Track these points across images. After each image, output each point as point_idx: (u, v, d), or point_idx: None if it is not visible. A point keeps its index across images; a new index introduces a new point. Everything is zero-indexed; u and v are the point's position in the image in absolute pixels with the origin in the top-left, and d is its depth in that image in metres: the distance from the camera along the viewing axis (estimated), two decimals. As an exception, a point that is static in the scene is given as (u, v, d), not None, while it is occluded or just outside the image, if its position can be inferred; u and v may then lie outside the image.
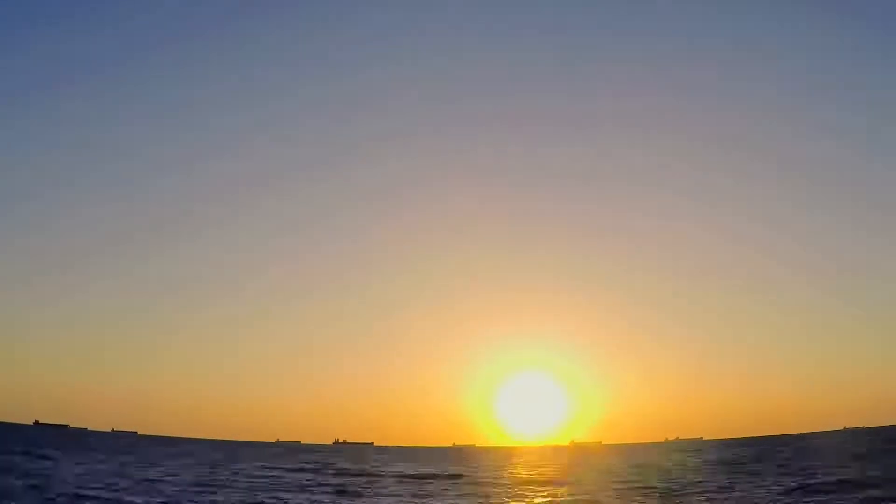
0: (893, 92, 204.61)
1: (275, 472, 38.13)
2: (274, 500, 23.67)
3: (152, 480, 29.69)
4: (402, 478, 35.93)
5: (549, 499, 25.74)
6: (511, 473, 41.12)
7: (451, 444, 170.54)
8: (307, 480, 33.02)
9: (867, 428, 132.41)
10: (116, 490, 24.89)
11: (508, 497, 25.98)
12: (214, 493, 25.52)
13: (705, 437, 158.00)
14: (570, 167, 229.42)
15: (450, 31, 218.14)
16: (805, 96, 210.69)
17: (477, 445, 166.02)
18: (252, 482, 30.82)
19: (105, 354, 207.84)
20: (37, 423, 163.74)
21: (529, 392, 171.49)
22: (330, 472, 40.33)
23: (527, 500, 24.99)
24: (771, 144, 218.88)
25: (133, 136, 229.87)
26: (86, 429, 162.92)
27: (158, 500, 22.67)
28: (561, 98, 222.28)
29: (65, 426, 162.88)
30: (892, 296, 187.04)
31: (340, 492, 27.64)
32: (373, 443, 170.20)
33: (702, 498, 23.44)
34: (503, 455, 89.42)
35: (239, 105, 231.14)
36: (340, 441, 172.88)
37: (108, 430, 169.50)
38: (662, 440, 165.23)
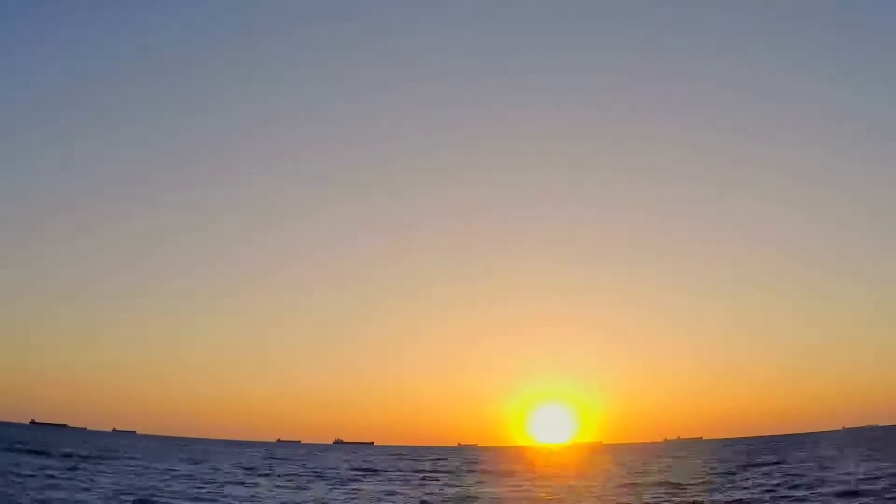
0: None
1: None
2: None
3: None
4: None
5: None
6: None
7: (455, 444, 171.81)
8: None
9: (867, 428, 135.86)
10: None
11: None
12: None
13: (705, 437, 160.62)
14: (566, 168, 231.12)
15: (451, 29, 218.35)
16: (816, 91, 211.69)
17: (479, 445, 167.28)
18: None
19: (102, 352, 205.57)
20: (33, 422, 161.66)
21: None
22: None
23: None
24: (774, 142, 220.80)
25: (132, 123, 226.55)
26: (85, 428, 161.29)
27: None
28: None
29: (64, 426, 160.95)
30: (893, 295, 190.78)
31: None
32: (373, 442, 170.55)
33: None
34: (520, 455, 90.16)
35: (244, 94, 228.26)
36: (340, 440, 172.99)
37: (109, 429, 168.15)
38: (662, 440, 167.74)
